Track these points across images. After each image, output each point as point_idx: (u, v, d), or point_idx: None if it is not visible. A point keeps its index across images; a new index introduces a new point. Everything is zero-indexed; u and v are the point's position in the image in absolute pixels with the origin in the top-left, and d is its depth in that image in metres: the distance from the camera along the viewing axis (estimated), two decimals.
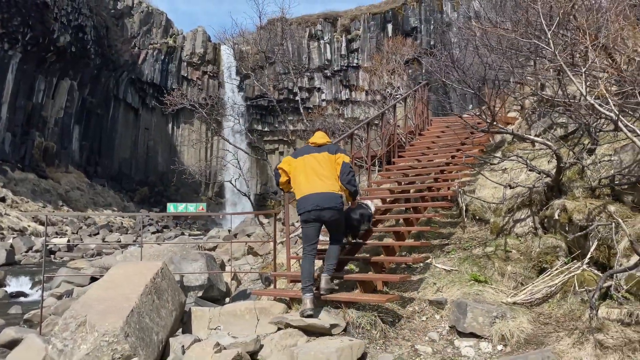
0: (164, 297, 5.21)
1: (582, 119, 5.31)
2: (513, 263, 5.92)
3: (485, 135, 9.85)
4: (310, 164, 5.47)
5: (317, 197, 5.28)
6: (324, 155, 5.49)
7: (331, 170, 5.44)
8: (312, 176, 5.39)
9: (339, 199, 5.39)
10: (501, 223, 6.72)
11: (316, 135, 5.76)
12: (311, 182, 5.37)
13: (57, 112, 41.92)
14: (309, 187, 5.35)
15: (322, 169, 5.41)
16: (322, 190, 5.30)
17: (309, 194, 5.33)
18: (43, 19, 38.25)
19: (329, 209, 5.27)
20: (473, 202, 7.57)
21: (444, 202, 7.36)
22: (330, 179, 5.40)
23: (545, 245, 5.92)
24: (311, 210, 5.27)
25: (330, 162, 5.47)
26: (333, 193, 5.34)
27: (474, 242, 6.73)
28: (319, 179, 5.36)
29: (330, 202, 5.27)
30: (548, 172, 6.26)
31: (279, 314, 5.26)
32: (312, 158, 5.50)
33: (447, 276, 5.90)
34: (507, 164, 8.55)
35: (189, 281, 7.66)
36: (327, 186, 5.33)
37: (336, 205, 5.32)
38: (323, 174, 5.38)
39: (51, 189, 35.95)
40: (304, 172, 5.46)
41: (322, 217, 5.29)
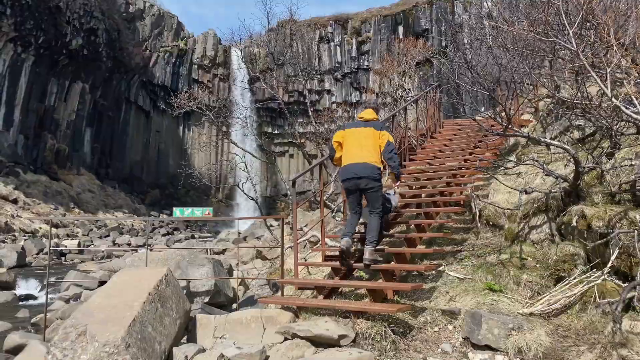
0: (168, 304, 5.07)
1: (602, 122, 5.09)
2: (529, 271, 5.70)
3: (499, 139, 9.62)
4: (355, 136, 5.88)
5: (355, 167, 5.70)
6: (370, 130, 5.87)
7: (374, 145, 5.79)
8: (356, 148, 5.78)
9: (376, 169, 5.72)
10: (516, 229, 6.50)
11: (365, 112, 6.19)
12: (353, 153, 5.77)
13: (69, 115, 42.21)
14: (351, 158, 5.78)
15: (366, 142, 5.78)
16: (361, 161, 5.69)
17: (349, 163, 5.77)
18: (55, 23, 38.56)
19: (365, 178, 5.65)
20: (487, 208, 7.35)
21: (457, 207, 7.15)
22: (372, 152, 5.75)
23: (562, 253, 5.70)
24: (350, 178, 5.72)
25: (375, 137, 5.83)
26: (372, 164, 5.69)
27: (487, 249, 6.51)
28: (361, 150, 5.74)
29: (366, 171, 5.65)
30: (565, 177, 6.03)
31: (286, 323, 5.09)
32: (358, 132, 5.91)
33: (461, 285, 5.70)
34: (522, 167, 8.32)
35: (196, 287, 7.52)
36: (366, 157, 5.70)
37: (372, 174, 5.67)
38: (365, 147, 5.75)
39: (63, 191, 36.15)
40: (349, 143, 5.88)
41: (359, 185, 5.70)
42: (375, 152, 5.80)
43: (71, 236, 29.90)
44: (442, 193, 7.59)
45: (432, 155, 9.63)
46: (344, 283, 5.25)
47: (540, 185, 6.95)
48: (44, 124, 39.76)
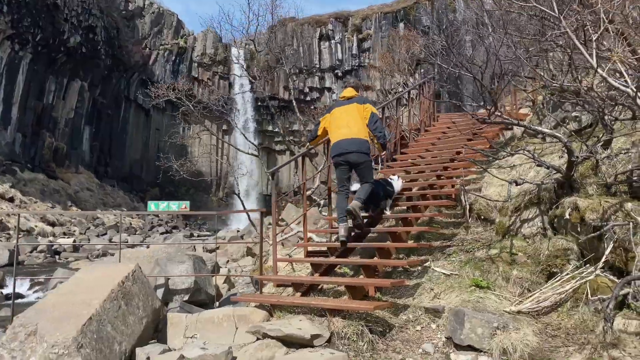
0: (134, 302, 4.78)
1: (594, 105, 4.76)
2: (519, 267, 5.39)
3: (494, 131, 9.30)
4: (340, 114, 6.09)
5: (344, 143, 5.90)
6: (353, 106, 6.07)
7: (359, 119, 5.98)
8: (342, 125, 5.98)
9: (365, 144, 5.93)
10: (507, 223, 6.18)
11: (346, 90, 6.38)
12: (341, 130, 5.98)
13: (68, 113, 42.00)
14: (339, 135, 5.98)
15: (351, 118, 5.97)
16: (350, 137, 5.89)
17: (338, 140, 5.97)
18: (53, 20, 38.33)
19: (355, 152, 5.85)
20: (478, 201, 7.04)
21: (445, 200, 6.84)
22: (358, 126, 5.94)
23: (554, 248, 5.39)
24: (340, 154, 5.92)
25: (359, 112, 6.01)
26: (359, 138, 5.89)
27: (477, 243, 6.20)
28: (348, 127, 5.94)
29: (355, 146, 5.85)
30: (558, 168, 5.71)
31: (259, 322, 4.79)
32: (343, 110, 6.12)
33: (447, 281, 5.39)
34: (516, 160, 8.02)
35: (175, 284, 7.23)
36: (353, 132, 5.90)
37: (361, 148, 5.87)
38: (351, 122, 5.95)
39: (60, 189, 35.94)
40: (335, 123, 6.10)
41: (350, 160, 5.90)
42: (362, 126, 5.97)
43: (68, 234, 29.67)
44: (432, 186, 7.27)
45: (424, 148, 9.31)
46: (323, 279, 4.95)
47: (534, 178, 6.64)
48: (42, 122, 39.55)
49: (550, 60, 8.31)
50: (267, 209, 22.87)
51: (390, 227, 6.89)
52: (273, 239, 5.91)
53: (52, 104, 40.69)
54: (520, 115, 12.16)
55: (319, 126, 6.41)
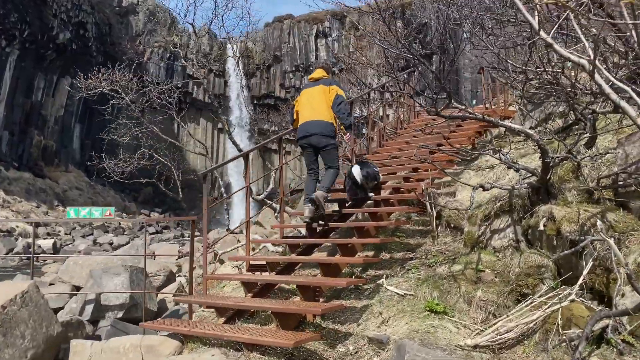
0: (17, 331, 3.98)
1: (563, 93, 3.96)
2: (485, 287, 4.59)
3: (473, 129, 8.49)
4: (307, 96, 5.98)
5: (307, 125, 5.79)
6: (319, 87, 5.92)
7: (324, 101, 5.83)
8: (308, 108, 5.87)
9: (328, 126, 5.77)
10: (476, 233, 5.38)
11: (315, 72, 6.23)
12: (306, 112, 5.87)
13: (57, 111, 41.26)
14: (303, 117, 5.87)
15: (316, 100, 5.85)
16: (312, 119, 5.78)
17: (302, 122, 5.87)
18: (41, 16, 37.59)
19: (316, 135, 5.72)
20: (447, 207, 6.24)
21: (409, 207, 6.03)
22: (322, 108, 5.80)
23: (527, 264, 4.59)
24: (303, 136, 5.81)
25: (324, 94, 5.86)
26: (322, 121, 5.76)
27: (441, 256, 5.40)
28: (312, 109, 5.82)
29: (318, 128, 5.73)
30: (533, 170, 4.91)
31: (168, 355, 4.00)
32: (309, 91, 6.00)
33: (400, 303, 4.59)
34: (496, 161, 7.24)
35: (108, 299, 6.45)
36: (317, 114, 5.77)
37: (323, 131, 5.72)
38: (316, 105, 5.82)
39: (47, 188, 35.21)
40: (302, 105, 5.99)
41: (311, 142, 5.77)
42: (327, 108, 5.82)
43: (52, 235, 28.96)
44: (398, 190, 6.47)
45: (398, 147, 8.50)
46: (251, 304, 4.14)
47: (510, 181, 5.84)
48: (31, 120, 38.82)
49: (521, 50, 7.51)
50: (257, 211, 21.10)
51: (341, 237, 6.09)
52: (204, 253, 5.12)
53: (41, 102, 39.96)
54: (509, 113, 11.35)
55: (294, 110, 6.27)
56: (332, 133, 5.81)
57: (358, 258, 4.77)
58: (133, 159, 14.30)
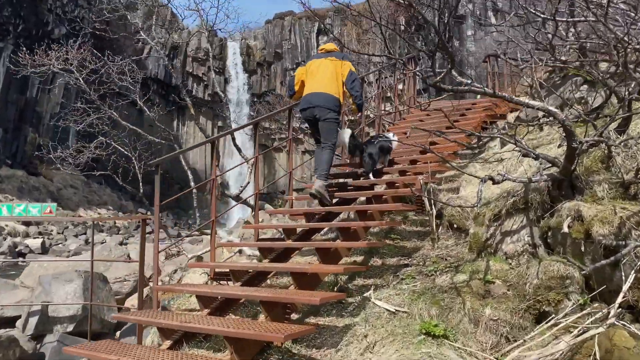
0: None
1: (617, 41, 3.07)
2: (495, 302, 3.71)
3: (481, 117, 7.61)
4: (316, 67, 5.59)
5: (312, 96, 5.46)
6: (330, 60, 5.57)
7: (335, 75, 5.49)
8: (315, 79, 5.51)
9: (333, 100, 5.42)
10: (484, 236, 4.50)
11: (326, 45, 5.95)
12: (313, 83, 5.51)
13: (53, 108, 40.44)
14: (309, 88, 5.52)
15: (326, 72, 5.49)
16: (319, 90, 5.43)
17: (307, 94, 5.52)
18: (36, 11, 36.82)
19: (319, 107, 5.38)
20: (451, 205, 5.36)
21: (402, 204, 5.15)
22: (331, 81, 5.46)
23: (547, 275, 3.71)
24: (306, 108, 5.48)
25: (335, 67, 5.52)
26: (328, 94, 5.42)
27: (442, 263, 4.52)
28: (320, 80, 5.47)
29: (322, 100, 5.39)
30: (553, 159, 4.03)
31: None
32: (319, 62, 5.62)
33: (390, 322, 3.71)
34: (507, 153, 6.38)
35: (57, 310, 5.59)
36: (324, 87, 5.43)
37: (327, 104, 5.38)
38: (325, 77, 5.47)
39: (41, 186, 34.43)
40: (309, 76, 5.62)
41: (314, 114, 5.42)
42: (336, 82, 5.49)
43: (43, 234, 28.18)
44: (393, 184, 5.58)
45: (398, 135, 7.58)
46: (199, 326, 3.26)
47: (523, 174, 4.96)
48: (25, 117, 38.03)
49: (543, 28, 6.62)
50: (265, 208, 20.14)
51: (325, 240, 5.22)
52: (155, 258, 4.27)
53: (36, 98, 39.17)
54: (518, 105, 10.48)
55: (295, 80, 5.87)
56: (336, 108, 5.46)
57: (339, 267, 3.89)
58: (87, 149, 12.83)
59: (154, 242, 4.35)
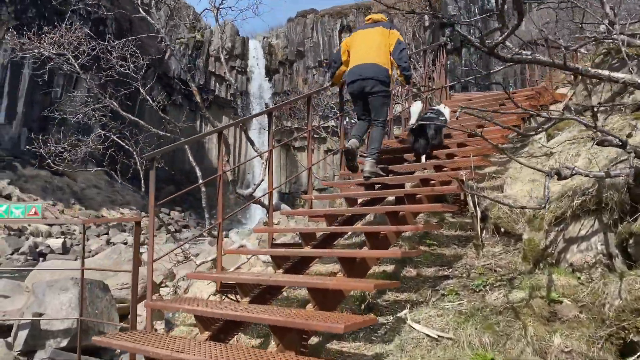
0: None
1: None
2: (565, 328, 2.94)
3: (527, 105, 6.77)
4: (362, 38, 5.32)
5: (361, 68, 5.15)
6: (378, 29, 5.30)
7: (383, 45, 5.21)
8: (363, 49, 5.23)
9: (384, 71, 5.14)
10: (542, 243, 3.72)
11: (374, 15, 5.62)
12: (360, 55, 5.21)
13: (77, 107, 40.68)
14: (356, 59, 5.23)
15: (373, 43, 5.22)
16: (368, 61, 5.14)
17: (354, 65, 5.22)
18: (59, 11, 37.00)
19: (371, 79, 5.08)
20: (496, 206, 4.59)
21: (440, 205, 4.41)
22: (380, 52, 5.17)
23: (633, 295, 2.92)
24: (355, 80, 5.16)
25: (383, 37, 5.24)
26: (379, 65, 5.12)
27: (491, 276, 3.76)
28: (368, 51, 5.18)
29: (372, 72, 5.09)
30: (636, 147, 3.23)
31: None
32: (366, 33, 5.36)
33: (432, 352, 2.98)
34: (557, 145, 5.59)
35: (50, 323, 5.01)
36: (373, 57, 5.13)
37: (378, 76, 5.08)
38: (373, 47, 5.19)
39: (65, 186, 34.53)
40: (355, 47, 5.32)
41: (364, 87, 5.11)
42: (384, 52, 5.18)
43: (66, 234, 28.16)
44: (427, 181, 4.83)
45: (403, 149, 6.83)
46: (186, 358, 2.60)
47: (588, 168, 4.16)
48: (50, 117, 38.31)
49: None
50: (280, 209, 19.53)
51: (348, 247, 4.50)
52: (148, 268, 3.63)
53: (60, 99, 39.41)
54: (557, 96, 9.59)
55: (341, 51, 5.51)
56: (387, 79, 5.14)
57: (368, 284, 3.16)
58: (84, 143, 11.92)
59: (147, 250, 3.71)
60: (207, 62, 58.72)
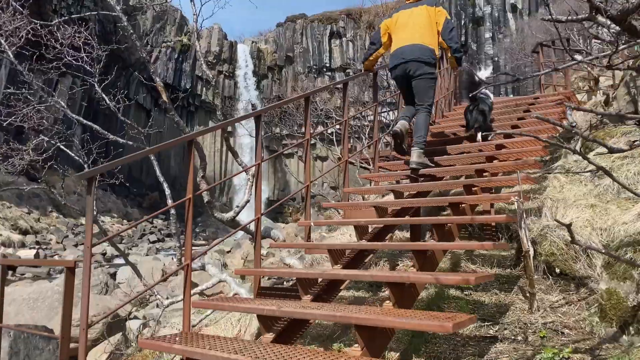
0: None
1: None
2: None
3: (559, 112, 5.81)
4: (406, 18, 4.93)
5: (405, 49, 4.82)
6: (422, 8, 4.89)
7: (429, 24, 4.83)
8: (406, 30, 4.86)
9: (429, 52, 4.76)
10: (632, 298, 2.70)
11: None
12: (404, 35, 4.86)
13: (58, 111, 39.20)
14: (399, 40, 4.89)
15: (418, 22, 4.85)
16: (412, 42, 4.80)
17: (397, 47, 4.88)
18: (40, 11, 35.63)
19: (414, 61, 4.73)
20: (546, 238, 3.59)
21: (477, 243, 3.38)
22: (426, 32, 4.81)
23: None
24: (398, 64, 4.84)
25: (429, 15, 4.86)
26: (424, 45, 4.77)
27: (557, 340, 2.73)
28: (412, 32, 4.82)
29: (417, 52, 4.73)
30: None
31: None
32: (409, 12, 4.95)
33: None
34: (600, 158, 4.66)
35: None
36: (418, 38, 4.79)
37: (423, 56, 4.72)
38: (417, 27, 4.82)
39: (42, 193, 32.98)
40: (398, 28, 4.94)
41: (407, 70, 4.77)
42: (431, 32, 4.84)
43: (42, 243, 26.70)
44: (456, 207, 3.79)
45: (442, 141, 5.80)
46: None
47: None
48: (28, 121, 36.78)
49: None
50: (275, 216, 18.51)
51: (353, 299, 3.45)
52: (83, 306, 2.49)
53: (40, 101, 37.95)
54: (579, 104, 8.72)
55: (381, 32, 5.08)
56: (433, 61, 4.78)
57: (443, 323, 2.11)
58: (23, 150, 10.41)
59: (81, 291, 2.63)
60: (193, 66, 57.49)
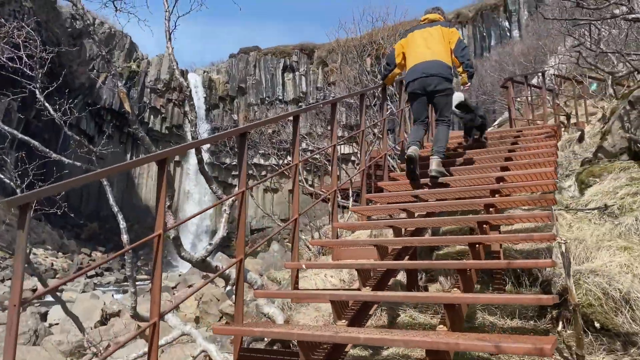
0: None
1: None
2: None
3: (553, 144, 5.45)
4: (421, 36, 5.23)
5: (424, 65, 5.08)
6: (437, 28, 5.22)
7: (444, 43, 5.13)
8: (423, 47, 5.15)
9: (447, 68, 5.07)
10: None
11: (429, 14, 5.41)
12: (420, 52, 5.14)
13: None
14: (418, 57, 5.14)
15: (434, 40, 5.14)
16: (431, 58, 5.06)
17: (416, 63, 5.15)
18: None
19: (436, 76, 4.99)
20: (580, 285, 3.07)
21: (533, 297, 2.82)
22: (442, 50, 5.10)
23: None
24: (417, 78, 5.07)
25: (445, 35, 5.17)
26: (443, 62, 5.06)
27: None
28: (429, 49, 5.11)
29: (437, 68, 5.01)
30: None
31: None
32: (424, 31, 5.26)
33: None
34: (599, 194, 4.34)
35: None
36: (436, 55, 5.06)
37: (444, 72, 5.01)
38: (434, 45, 5.10)
39: None
40: (414, 46, 5.24)
41: (427, 85, 5.01)
42: (446, 50, 5.10)
43: None
44: (474, 247, 3.22)
45: None
46: None
47: None
48: None
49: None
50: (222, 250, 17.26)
51: None
52: None
53: None
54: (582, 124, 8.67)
55: (395, 53, 5.43)
56: (451, 77, 5.09)
57: None
58: None
59: None
60: (142, 93, 55.77)
